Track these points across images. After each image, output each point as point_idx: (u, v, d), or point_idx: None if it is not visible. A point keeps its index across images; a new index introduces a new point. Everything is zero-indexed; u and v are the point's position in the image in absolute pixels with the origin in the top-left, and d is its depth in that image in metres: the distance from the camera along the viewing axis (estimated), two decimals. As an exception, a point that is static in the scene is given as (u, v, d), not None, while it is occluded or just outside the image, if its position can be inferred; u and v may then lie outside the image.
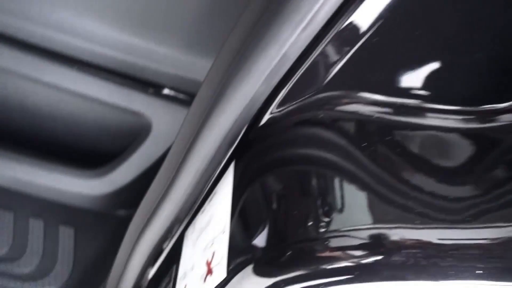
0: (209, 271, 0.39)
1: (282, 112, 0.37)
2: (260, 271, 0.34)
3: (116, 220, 0.88)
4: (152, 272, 0.67)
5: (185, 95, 0.71)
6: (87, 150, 0.75)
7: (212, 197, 0.46)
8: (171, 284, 0.54)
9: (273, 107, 0.38)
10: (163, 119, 0.69)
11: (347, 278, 0.29)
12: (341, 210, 0.31)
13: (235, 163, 0.43)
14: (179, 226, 0.55)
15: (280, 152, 0.37)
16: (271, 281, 0.33)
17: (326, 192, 0.33)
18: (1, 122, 0.72)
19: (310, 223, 0.32)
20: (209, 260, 0.40)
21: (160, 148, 0.73)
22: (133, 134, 0.71)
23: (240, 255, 0.36)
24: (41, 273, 0.83)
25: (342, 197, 0.32)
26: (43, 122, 0.71)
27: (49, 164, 0.73)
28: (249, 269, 0.34)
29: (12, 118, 0.70)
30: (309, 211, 0.32)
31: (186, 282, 0.46)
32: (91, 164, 0.75)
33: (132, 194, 0.79)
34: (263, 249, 0.34)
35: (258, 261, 0.34)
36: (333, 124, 0.34)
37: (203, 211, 0.49)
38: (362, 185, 0.30)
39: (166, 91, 0.71)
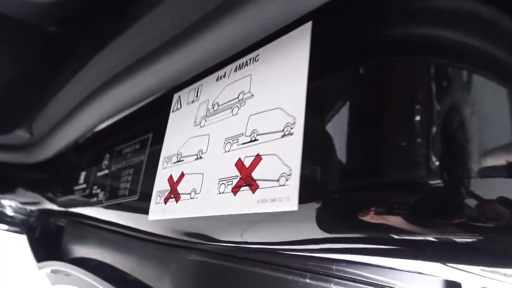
0: (247, 182, 0.26)
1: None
2: (325, 223, 0.22)
3: (45, 37, 0.66)
4: (104, 125, 0.51)
5: None
6: None
7: (252, 62, 0.30)
8: (145, 156, 0.40)
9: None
10: None
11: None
12: (468, 145, 0.19)
13: (313, 24, 0.26)
14: (168, 83, 0.38)
15: (412, 28, 0.22)
16: (326, 235, 0.22)
17: (459, 111, 0.19)
18: None
19: (418, 158, 0.19)
20: (246, 165, 0.27)
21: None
22: None
23: (307, 181, 0.23)
24: None
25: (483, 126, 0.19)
26: None
27: None
28: (314, 207, 0.22)
29: None
30: (423, 136, 0.19)
31: (184, 170, 0.33)
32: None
33: (77, 10, 0.57)
34: (342, 180, 0.22)
35: (330, 201, 0.22)
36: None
37: (222, 77, 0.33)
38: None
39: None
